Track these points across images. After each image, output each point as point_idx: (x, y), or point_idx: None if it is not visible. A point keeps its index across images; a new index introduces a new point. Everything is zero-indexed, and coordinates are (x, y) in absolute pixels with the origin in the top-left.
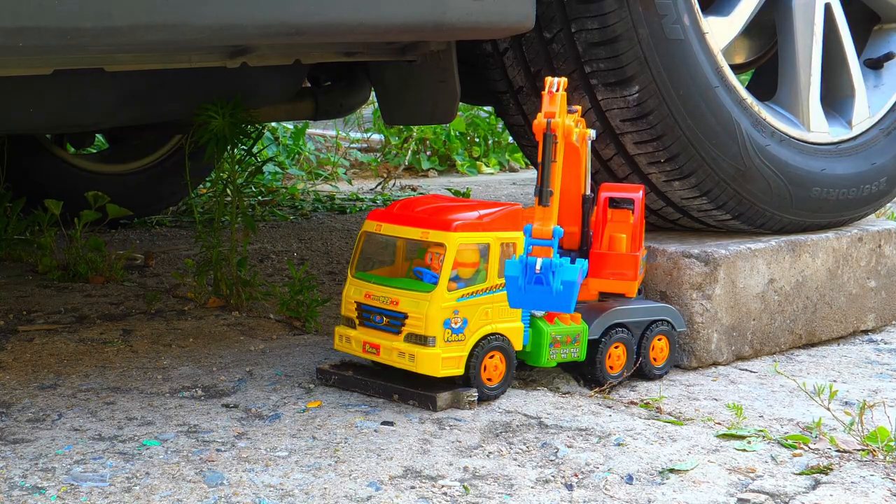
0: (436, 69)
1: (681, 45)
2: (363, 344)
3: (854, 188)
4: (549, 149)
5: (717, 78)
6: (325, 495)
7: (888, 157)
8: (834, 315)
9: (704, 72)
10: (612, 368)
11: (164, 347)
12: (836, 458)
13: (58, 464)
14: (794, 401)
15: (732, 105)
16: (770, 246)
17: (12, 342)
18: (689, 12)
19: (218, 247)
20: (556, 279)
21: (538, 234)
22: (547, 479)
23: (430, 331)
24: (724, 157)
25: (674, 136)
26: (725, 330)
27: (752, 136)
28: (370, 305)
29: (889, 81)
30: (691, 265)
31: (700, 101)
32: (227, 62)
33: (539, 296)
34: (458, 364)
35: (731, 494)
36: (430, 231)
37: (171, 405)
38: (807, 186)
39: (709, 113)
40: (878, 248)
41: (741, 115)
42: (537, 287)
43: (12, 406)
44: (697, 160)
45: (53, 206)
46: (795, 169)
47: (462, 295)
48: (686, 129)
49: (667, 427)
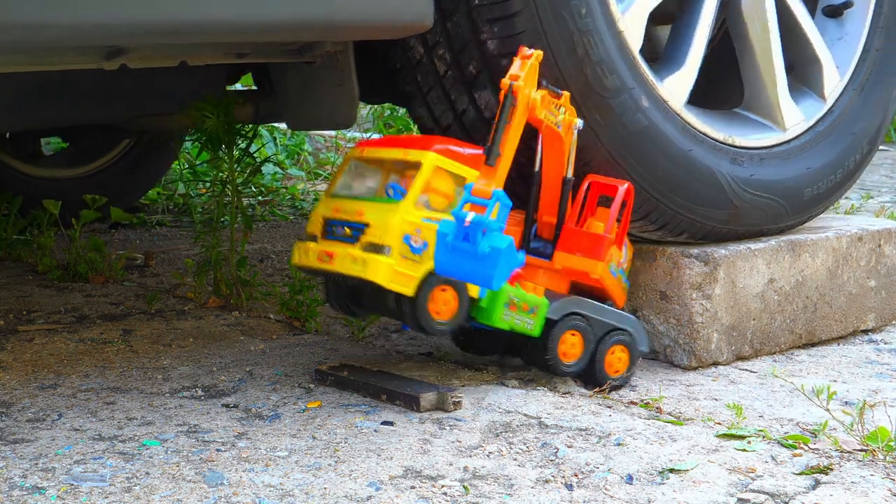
0: (335, 71)
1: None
2: (319, 253)
3: (833, 172)
4: (507, 110)
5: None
6: (325, 495)
7: (868, 123)
8: (834, 315)
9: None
10: (565, 356)
11: (164, 347)
12: (836, 458)
13: (58, 464)
14: (794, 401)
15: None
16: (770, 245)
17: (12, 342)
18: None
19: (217, 247)
20: (484, 240)
21: (477, 193)
22: (547, 479)
23: (388, 240)
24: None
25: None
26: (725, 330)
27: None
28: (336, 219)
29: (852, 30)
30: (691, 265)
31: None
32: (103, 64)
33: (464, 258)
34: (408, 283)
35: (731, 494)
36: (410, 150)
37: (171, 405)
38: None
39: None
40: (878, 247)
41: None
42: (464, 245)
43: (12, 406)
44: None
45: (52, 207)
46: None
47: (428, 216)
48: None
49: (667, 427)
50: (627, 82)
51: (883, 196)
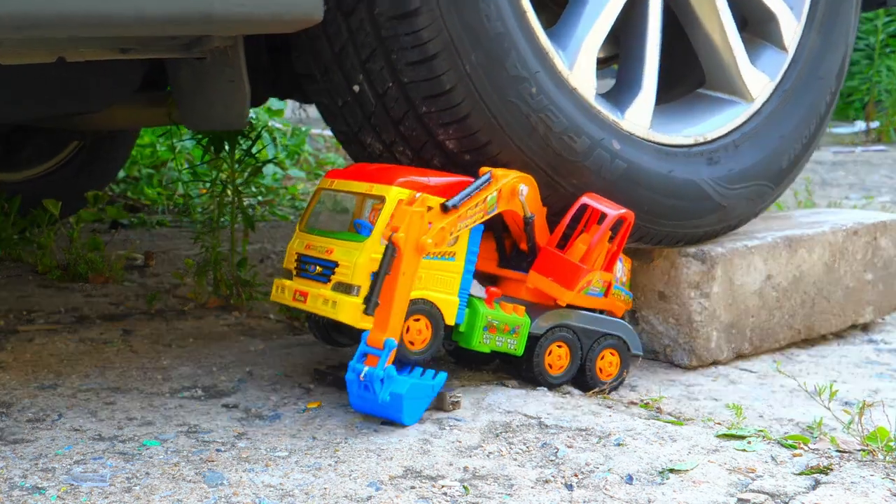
0: (226, 68)
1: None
2: (294, 292)
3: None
4: (388, 260)
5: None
6: (325, 495)
7: (832, 60)
8: (832, 309)
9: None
10: (551, 367)
11: (164, 347)
12: (836, 458)
13: (58, 464)
14: (794, 401)
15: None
16: (766, 242)
17: (12, 342)
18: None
19: (217, 247)
20: (383, 390)
21: (371, 343)
22: (547, 479)
23: (356, 279)
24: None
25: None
26: (724, 328)
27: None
28: (308, 256)
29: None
30: (688, 264)
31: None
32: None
33: (371, 402)
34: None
35: (731, 494)
36: (375, 185)
37: (171, 405)
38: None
39: (522, 104)
40: (874, 240)
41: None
42: (367, 393)
43: (12, 406)
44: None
45: (52, 207)
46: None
47: None
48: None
49: (667, 427)
50: (596, 136)
51: (883, 196)
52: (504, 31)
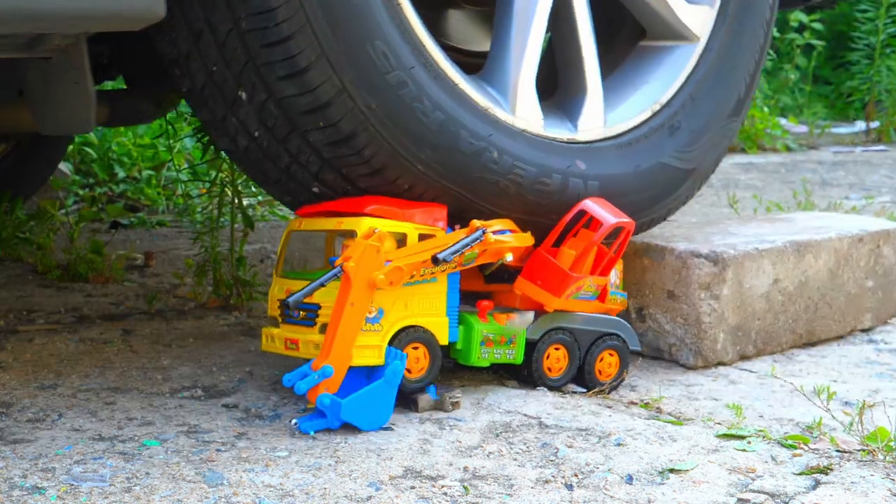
0: (70, 69)
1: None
2: (285, 341)
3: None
4: (327, 277)
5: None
6: (325, 495)
7: (718, 37)
8: (833, 315)
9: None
10: (550, 370)
11: (164, 347)
12: (836, 458)
13: (58, 464)
14: (794, 401)
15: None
16: (776, 246)
17: (12, 342)
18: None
19: (217, 247)
20: (332, 416)
21: (314, 367)
22: (547, 479)
23: None
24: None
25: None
26: (731, 330)
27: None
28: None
29: None
30: (700, 265)
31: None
32: None
33: (332, 420)
34: (374, 354)
35: (731, 494)
36: (344, 219)
37: (171, 405)
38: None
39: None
40: (877, 248)
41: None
42: (322, 419)
43: (12, 406)
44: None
45: (51, 207)
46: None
47: None
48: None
49: (667, 427)
50: (559, 166)
51: (883, 196)
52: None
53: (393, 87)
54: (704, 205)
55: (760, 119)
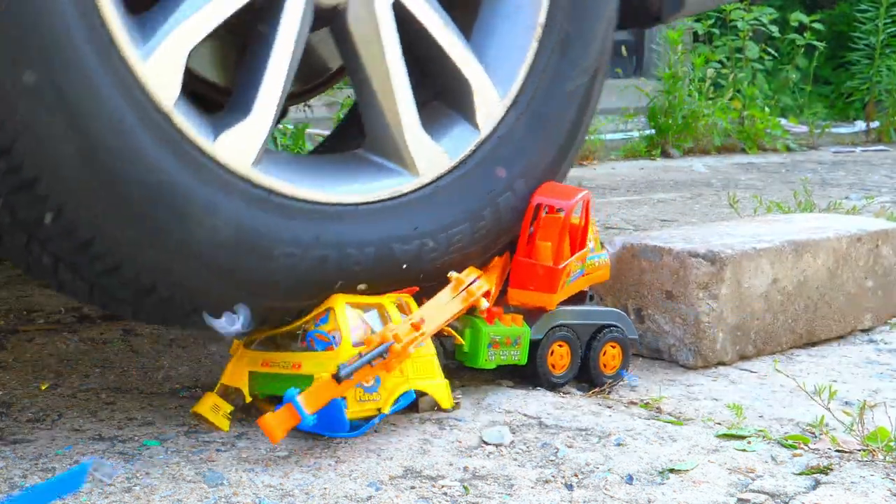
0: None
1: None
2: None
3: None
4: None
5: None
6: (325, 495)
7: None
8: (833, 314)
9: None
10: (554, 367)
11: (164, 347)
12: (836, 458)
13: (58, 464)
14: (794, 401)
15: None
16: (774, 245)
17: (12, 342)
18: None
19: None
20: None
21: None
22: (547, 479)
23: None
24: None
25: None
26: (730, 329)
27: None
28: (272, 374)
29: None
30: (698, 265)
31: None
32: None
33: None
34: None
35: (731, 494)
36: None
37: (171, 405)
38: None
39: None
40: (876, 247)
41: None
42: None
43: (12, 406)
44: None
45: None
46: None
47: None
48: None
49: (667, 427)
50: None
51: (883, 196)
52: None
53: None
54: (704, 205)
55: (760, 119)
